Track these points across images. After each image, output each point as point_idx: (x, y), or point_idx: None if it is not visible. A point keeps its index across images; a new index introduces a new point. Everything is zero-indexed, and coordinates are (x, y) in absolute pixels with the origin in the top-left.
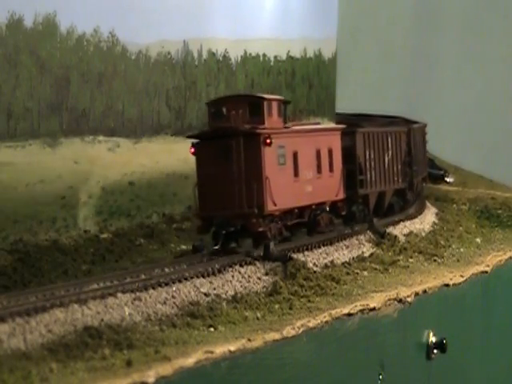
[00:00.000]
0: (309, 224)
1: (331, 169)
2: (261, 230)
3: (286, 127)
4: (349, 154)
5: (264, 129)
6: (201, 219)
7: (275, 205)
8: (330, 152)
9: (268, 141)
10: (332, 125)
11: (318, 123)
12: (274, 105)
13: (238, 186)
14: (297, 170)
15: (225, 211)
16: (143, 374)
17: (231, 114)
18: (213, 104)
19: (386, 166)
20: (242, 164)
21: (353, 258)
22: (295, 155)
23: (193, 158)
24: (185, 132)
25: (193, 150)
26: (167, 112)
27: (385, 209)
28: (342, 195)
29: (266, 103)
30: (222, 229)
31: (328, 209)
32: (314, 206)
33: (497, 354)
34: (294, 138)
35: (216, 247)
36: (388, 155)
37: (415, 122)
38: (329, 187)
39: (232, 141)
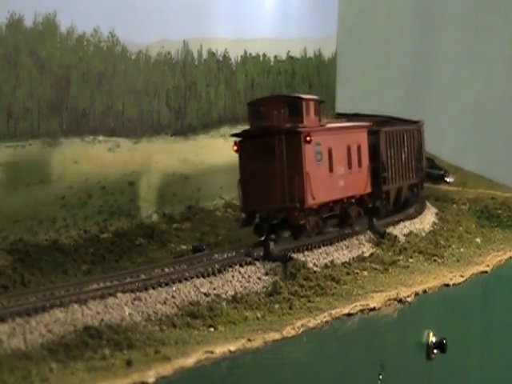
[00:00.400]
0: (340, 217)
1: (360, 164)
2: (302, 222)
3: (321, 125)
4: (373, 152)
5: (303, 127)
6: (245, 213)
7: (314, 199)
8: (359, 148)
9: (308, 138)
10: (359, 123)
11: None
12: (311, 104)
13: (281, 182)
14: (331, 165)
15: (268, 205)
16: (143, 374)
17: (271, 113)
18: (253, 104)
19: (403, 162)
20: (284, 160)
21: (353, 258)
22: (330, 152)
23: (193, 158)
24: (185, 132)
25: (236, 147)
26: (167, 112)
27: (401, 203)
28: (368, 189)
29: (304, 103)
30: (266, 222)
31: (356, 202)
32: (344, 200)
33: (497, 354)
34: (329, 136)
35: (261, 238)
36: (404, 152)
37: (407, 121)
38: (358, 182)
39: (275, 139)
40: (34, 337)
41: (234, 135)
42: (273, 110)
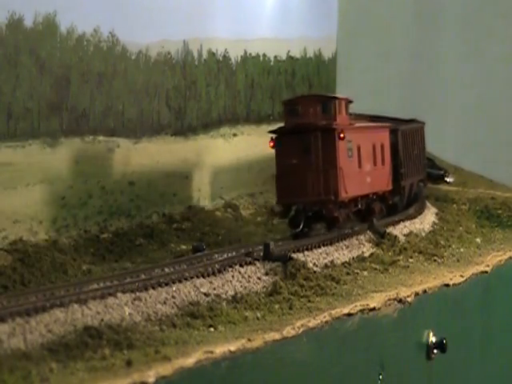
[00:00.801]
0: (365, 211)
1: (383, 162)
2: (335, 214)
3: (350, 124)
4: (392, 150)
5: (337, 125)
6: (281, 206)
7: (346, 193)
8: (382, 147)
9: (342, 135)
10: (382, 123)
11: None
12: (343, 104)
13: (316, 176)
14: (360, 162)
15: (304, 198)
16: (143, 374)
17: (306, 111)
18: (289, 103)
19: (414, 159)
20: (319, 156)
21: (353, 258)
22: (359, 149)
23: (193, 158)
24: (185, 132)
25: (272, 143)
26: (167, 112)
27: (411, 197)
28: (390, 186)
29: (337, 102)
30: (302, 214)
31: (378, 198)
32: (370, 196)
33: (497, 354)
34: (358, 134)
35: (297, 230)
36: (415, 150)
37: (414, 120)
38: (381, 179)
39: (311, 135)
40: (34, 337)
41: (270, 132)
42: (308, 108)
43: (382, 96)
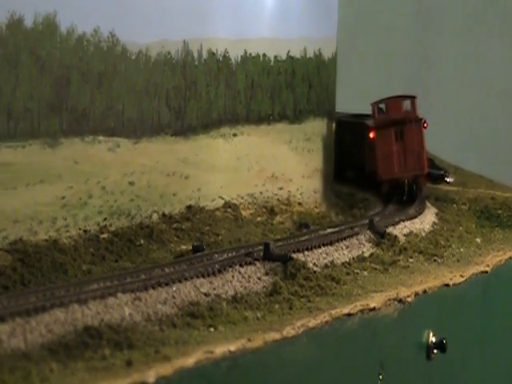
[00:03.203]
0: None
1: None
2: (425, 184)
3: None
4: None
5: (421, 118)
6: (384, 181)
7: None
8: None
9: (426, 125)
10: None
11: None
12: (416, 102)
13: (411, 157)
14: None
15: (403, 174)
16: (143, 374)
17: (396, 108)
18: (378, 103)
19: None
20: (411, 141)
21: (353, 258)
22: None
23: (193, 158)
24: (185, 132)
25: (373, 134)
26: (167, 112)
27: None
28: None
29: (416, 100)
30: (403, 185)
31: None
32: None
33: (497, 354)
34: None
35: (404, 198)
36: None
37: None
38: None
39: (405, 126)
40: (34, 337)
41: (371, 127)
42: (394, 106)
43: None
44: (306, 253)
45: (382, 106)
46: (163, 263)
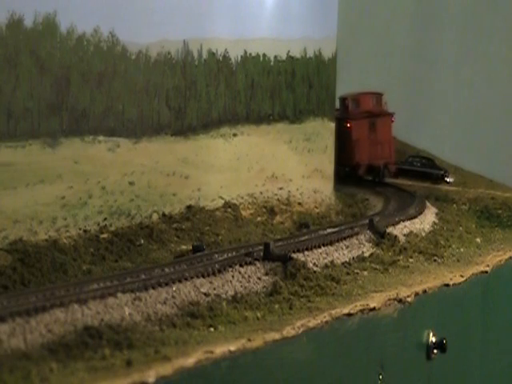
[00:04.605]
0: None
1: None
2: (393, 169)
3: None
4: None
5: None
6: (360, 165)
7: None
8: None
9: (393, 119)
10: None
11: None
12: (384, 98)
13: (381, 146)
14: None
15: (376, 160)
16: (143, 374)
17: (366, 103)
18: (344, 98)
19: None
20: (382, 132)
21: (353, 258)
22: None
23: (193, 158)
24: (185, 132)
25: (349, 125)
26: (167, 112)
27: None
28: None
29: (383, 97)
30: (376, 170)
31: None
32: None
33: (497, 354)
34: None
35: (376, 180)
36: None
37: None
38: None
39: (377, 118)
40: (34, 337)
41: (347, 118)
42: (367, 101)
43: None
44: (306, 253)
45: (353, 100)
46: (163, 263)
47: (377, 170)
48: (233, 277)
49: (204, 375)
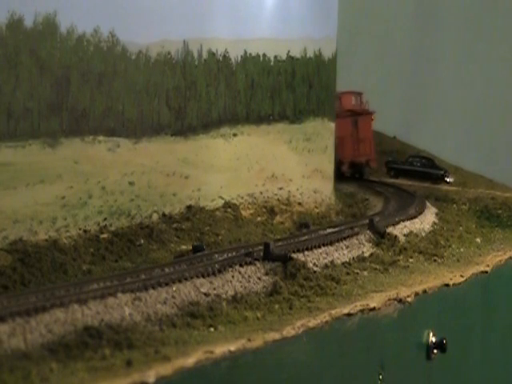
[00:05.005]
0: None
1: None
2: (374, 166)
3: None
4: None
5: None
6: (343, 162)
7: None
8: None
9: (373, 118)
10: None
11: None
12: (363, 97)
13: (363, 143)
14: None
15: (358, 157)
16: (143, 374)
17: (348, 102)
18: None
19: None
20: (363, 130)
21: (353, 258)
22: None
23: (193, 158)
24: (185, 132)
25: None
26: (167, 112)
27: None
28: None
29: (363, 96)
30: (352, 167)
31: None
32: None
33: (497, 354)
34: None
35: (357, 176)
36: None
37: None
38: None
39: (359, 117)
40: (34, 337)
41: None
42: (349, 100)
43: (382, 96)
44: (306, 253)
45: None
46: (163, 263)
47: (359, 167)
48: (233, 277)
49: (204, 375)
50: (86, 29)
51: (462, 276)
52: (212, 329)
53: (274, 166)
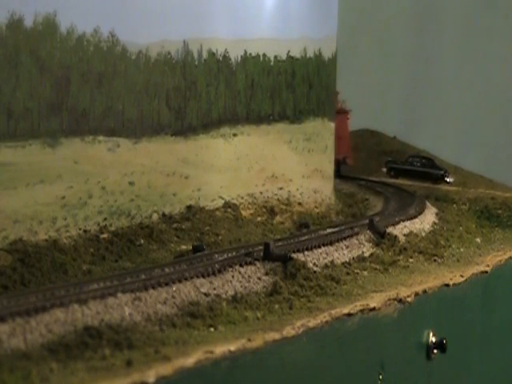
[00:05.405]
0: None
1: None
2: (351, 162)
3: None
4: None
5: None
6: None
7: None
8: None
9: (348, 117)
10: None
11: None
12: (339, 96)
13: (340, 141)
14: None
15: (336, 155)
16: (143, 374)
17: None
18: None
19: None
20: (340, 129)
21: (353, 258)
22: None
23: (193, 158)
24: (185, 132)
25: None
26: (167, 112)
27: None
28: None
29: (340, 95)
30: (337, 164)
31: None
32: None
33: (497, 354)
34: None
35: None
36: None
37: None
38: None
39: (336, 115)
40: (34, 337)
41: None
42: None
43: (382, 96)
44: (306, 253)
45: None
46: (163, 263)
47: (336, 164)
48: (233, 277)
49: (204, 375)
50: (85, 29)
51: (461, 276)
52: (212, 329)
53: (274, 166)
